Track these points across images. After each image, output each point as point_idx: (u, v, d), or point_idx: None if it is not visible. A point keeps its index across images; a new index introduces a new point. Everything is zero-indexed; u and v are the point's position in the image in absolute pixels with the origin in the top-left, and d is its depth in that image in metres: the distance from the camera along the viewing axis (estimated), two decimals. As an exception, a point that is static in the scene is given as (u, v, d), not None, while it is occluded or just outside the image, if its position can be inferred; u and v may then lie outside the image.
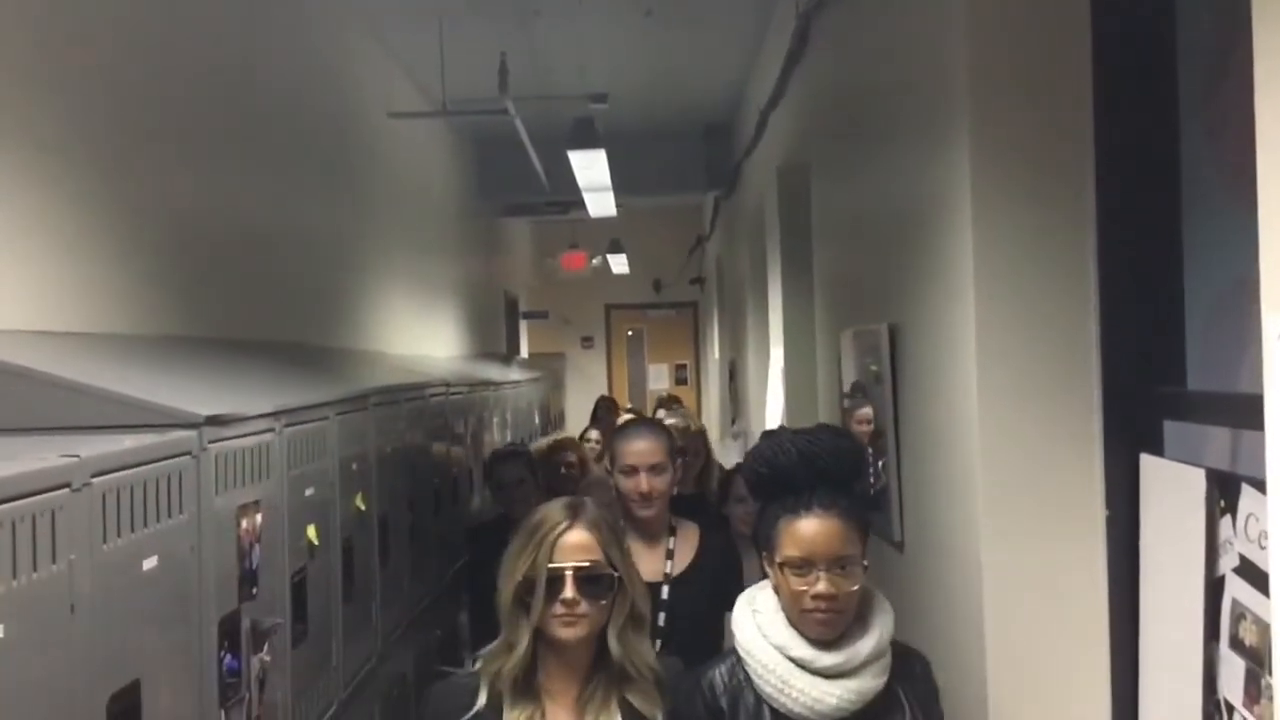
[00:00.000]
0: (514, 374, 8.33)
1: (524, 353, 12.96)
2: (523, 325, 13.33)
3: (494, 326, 10.88)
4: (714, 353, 13.37)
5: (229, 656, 2.33)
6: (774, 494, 2.22)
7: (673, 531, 3.19)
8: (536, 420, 8.67)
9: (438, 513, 4.65)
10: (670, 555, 3.15)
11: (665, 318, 16.35)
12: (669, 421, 7.60)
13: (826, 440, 2.23)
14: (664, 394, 12.03)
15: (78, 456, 1.77)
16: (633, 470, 3.10)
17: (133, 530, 1.93)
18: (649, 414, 9.02)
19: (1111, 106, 2.39)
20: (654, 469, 3.09)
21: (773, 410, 7.06)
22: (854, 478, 2.28)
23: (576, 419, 10.64)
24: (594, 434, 7.28)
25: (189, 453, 2.16)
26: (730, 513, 4.14)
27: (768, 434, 2.29)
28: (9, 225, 2.62)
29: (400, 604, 3.95)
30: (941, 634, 2.86)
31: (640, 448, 3.12)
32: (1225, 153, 2.18)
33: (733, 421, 9.95)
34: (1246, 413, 2.03)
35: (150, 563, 1.98)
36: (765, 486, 2.24)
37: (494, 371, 7.70)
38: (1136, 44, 2.35)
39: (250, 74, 4.28)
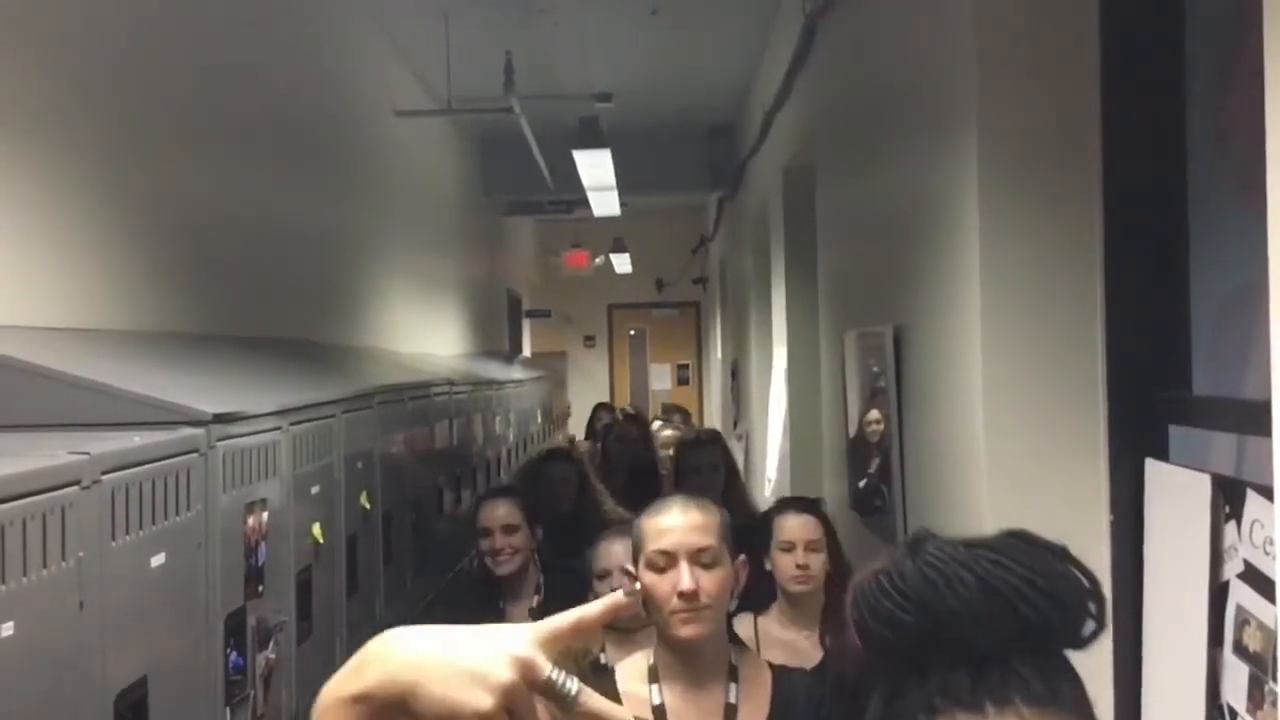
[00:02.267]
0: (517, 373, 8.33)
1: (526, 351, 12.97)
2: (525, 324, 13.34)
3: (497, 325, 10.89)
4: (716, 353, 13.37)
5: (234, 654, 2.33)
6: (922, 663, 1.03)
7: (733, 674, 2.07)
8: (539, 419, 8.67)
9: (441, 511, 4.65)
10: (731, 713, 2.05)
11: (668, 317, 16.35)
12: (665, 433, 7.18)
13: (1027, 560, 1.03)
14: (666, 401, 11.92)
15: (87, 454, 1.77)
16: (669, 560, 2.00)
17: (141, 528, 1.93)
18: (652, 418, 8.88)
19: (1119, 109, 2.39)
20: (700, 557, 1.99)
21: (775, 412, 7.06)
22: (1080, 637, 1.05)
23: (579, 419, 10.64)
24: (584, 445, 7.19)
25: (197, 450, 2.17)
26: (775, 566, 3.13)
27: (914, 545, 1.05)
28: (16, 223, 2.63)
29: (403, 602, 3.96)
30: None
31: (678, 524, 2.02)
32: (1233, 156, 2.19)
33: (735, 423, 9.95)
34: (1252, 418, 2.04)
35: (158, 560, 1.99)
36: (904, 648, 1.03)
37: (497, 370, 7.71)
38: (1144, 46, 2.36)
39: (256, 71, 4.29)
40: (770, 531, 3.16)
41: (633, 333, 16.62)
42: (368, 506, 3.46)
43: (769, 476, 7.23)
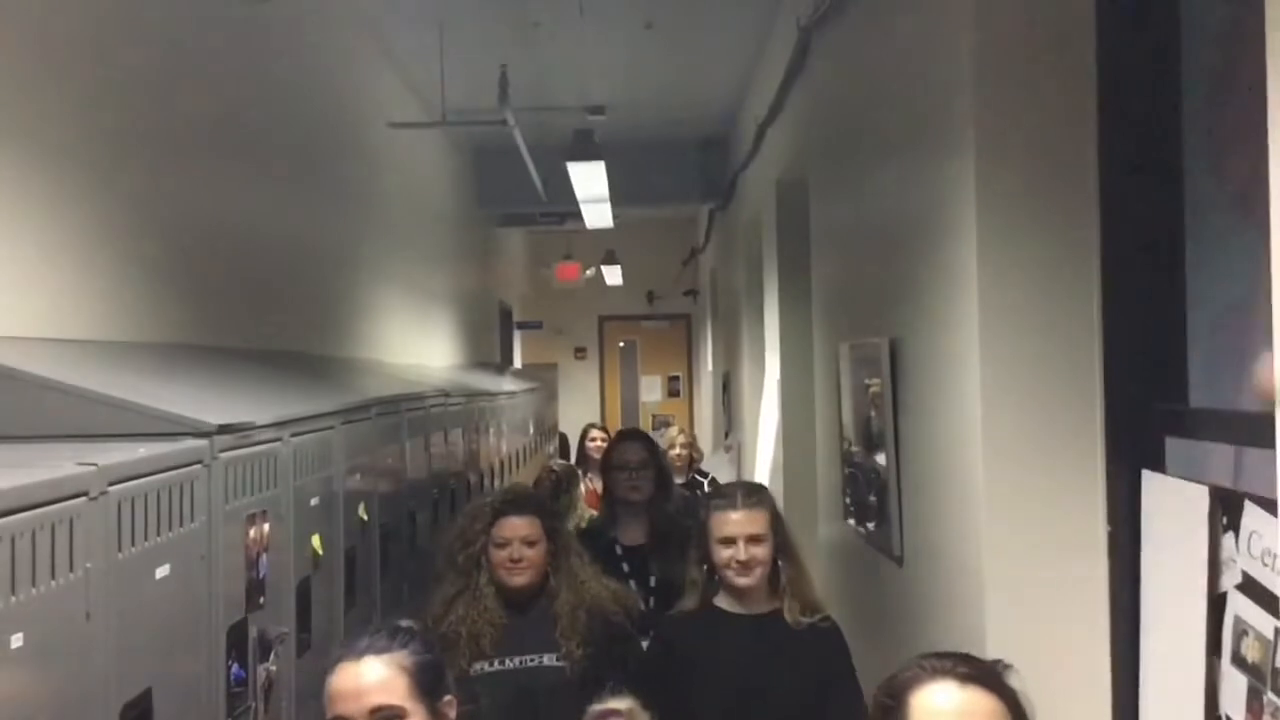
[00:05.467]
0: (509, 384, 8.34)
1: (517, 363, 12.97)
2: (516, 335, 13.34)
3: (488, 336, 10.89)
4: (708, 365, 13.39)
5: (236, 666, 2.34)
6: None
7: None
8: (531, 431, 8.67)
9: (436, 523, 4.65)
10: None
11: (658, 329, 16.37)
12: (676, 450, 5.93)
13: None
14: (657, 412, 11.60)
15: (95, 465, 1.78)
16: None
17: (146, 539, 1.94)
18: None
19: (1116, 121, 2.42)
20: None
21: (767, 423, 7.08)
22: None
23: (570, 430, 10.62)
24: (559, 463, 6.20)
25: (201, 461, 2.17)
26: None
27: None
28: (20, 235, 2.64)
29: (400, 614, 3.95)
30: (941, 648, 2.87)
31: None
32: (1228, 170, 2.21)
33: (726, 435, 9.97)
34: (1249, 430, 2.06)
35: (163, 571, 1.99)
36: None
37: (489, 382, 7.71)
38: (1141, 58, 2.38)
39: (253, 84, 4.30)
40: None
41: (623, 344, 16.63)
42: (365, 518, 3.46)
43: (761, 488, 7.22)
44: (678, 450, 6.07)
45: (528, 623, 2.98)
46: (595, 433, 7.09)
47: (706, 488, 5.81)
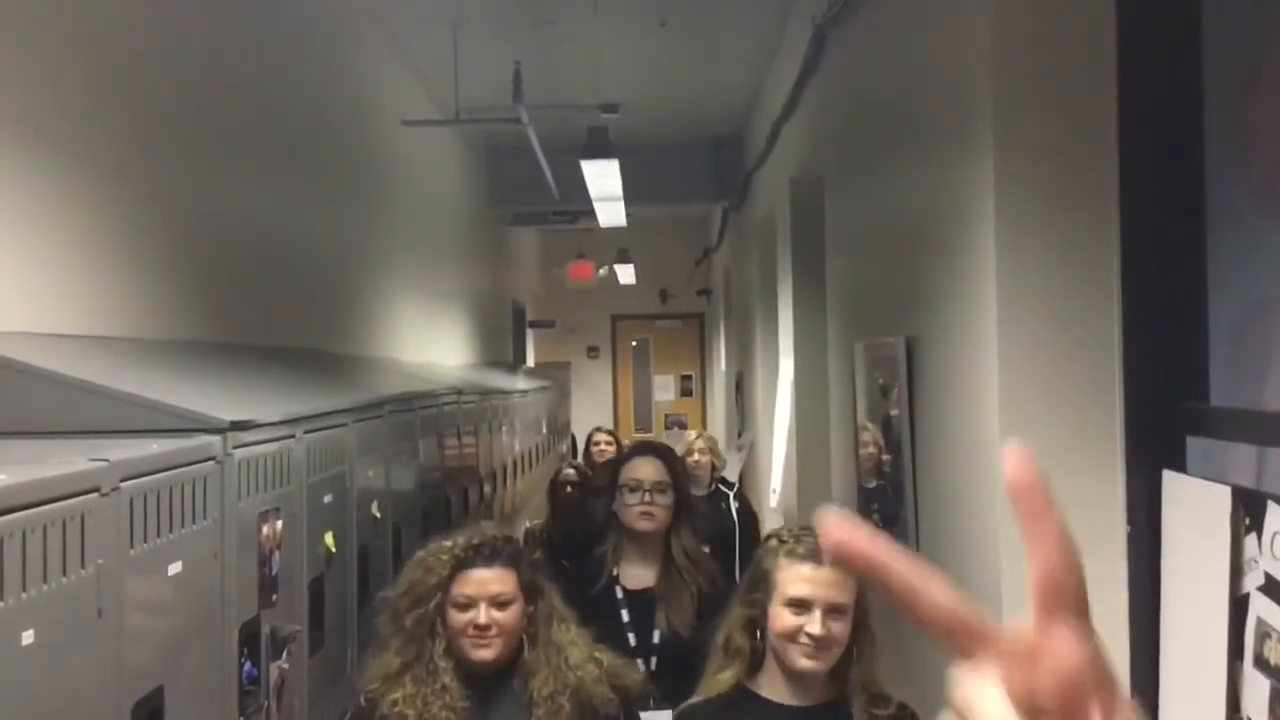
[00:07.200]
0: (522, 383, 8.34)
1: (530, 362, 12.97)
2: (529, 334, 13.35)
3: (501, 335, 10.89)
4: (720, 364, 13.37)
5: (248, 664, 2.33)
6: None
7: None
8: (544, 430, 8.67)
9: (449, 522, 4.64)
10: None
11: (671, 328, 16.36)
12: (696, 457, 5.03)
13: None
14: (669, 412, 11.36)
15: (107, 461, 1.77)
16: None
17: (159, 535, 1.93)
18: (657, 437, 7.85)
19: (1137, 119, 2.39)
20: None
21: (780, 422, 7.06)
22: None
23: (581, 430, 10.63)
24: (572, 470, 5.41)
25: (213, 458, 2.16)
26: None
27: None
28: (33, 230, 2.63)
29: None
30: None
31: None
32: (1251, 166, 2.19)
33: (739, 434, 9.96)
34: (1272, 429, 2.04)
35: (175, 568, 1.98)
36: None
37: (502, 380, 7.70)
38: (1162, 56, 2.36)
39: (268, 82, 4.30)
40: None
41: (636, 343, 16.62)
42: (378, 516, 3.45)
43: (774, 487, 7.24)
44: (696, 457, 5.34)
45: (497, 711, 2.31)
46: (600, 437, 6.49)
47: (734, 500, 5.30)
